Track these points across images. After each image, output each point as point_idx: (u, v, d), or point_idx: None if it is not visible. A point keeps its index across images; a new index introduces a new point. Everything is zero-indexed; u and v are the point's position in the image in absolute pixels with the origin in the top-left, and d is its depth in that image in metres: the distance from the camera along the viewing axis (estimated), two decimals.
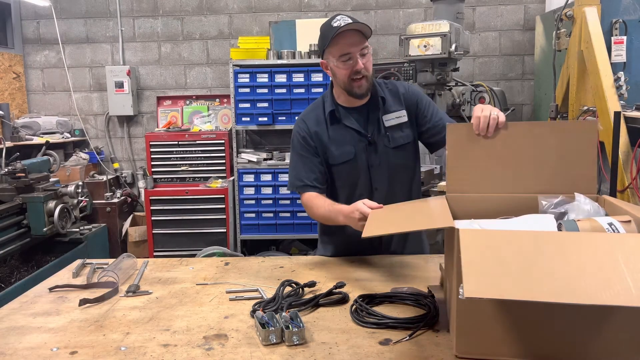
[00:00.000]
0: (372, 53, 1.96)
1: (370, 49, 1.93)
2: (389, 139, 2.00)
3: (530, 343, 1.21)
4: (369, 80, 1.93)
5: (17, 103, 5.18)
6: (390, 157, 2.02)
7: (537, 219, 1.45)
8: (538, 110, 4.77)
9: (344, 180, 2.05)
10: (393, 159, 2.02)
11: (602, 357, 1.19)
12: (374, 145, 2.00)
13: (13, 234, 3.29)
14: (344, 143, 2.00)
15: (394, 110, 2.01)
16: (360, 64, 1.87)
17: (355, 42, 1.87)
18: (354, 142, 2.00)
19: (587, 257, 1.10)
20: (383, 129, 2.00)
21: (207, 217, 4.75)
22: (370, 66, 1.92)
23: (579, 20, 3.53)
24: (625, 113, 3.10)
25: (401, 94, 2.04)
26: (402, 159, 2.04)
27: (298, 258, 2.12)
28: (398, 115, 2.01)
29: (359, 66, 1.87)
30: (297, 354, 1.29)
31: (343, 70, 1.90)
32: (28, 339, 1.42)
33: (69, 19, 5.25)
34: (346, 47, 1.87)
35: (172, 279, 1.86)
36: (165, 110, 5.25)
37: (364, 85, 1.91)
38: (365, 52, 1.89)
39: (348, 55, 1.88)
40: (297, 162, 2.06)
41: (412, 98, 2.04)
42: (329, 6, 5.09)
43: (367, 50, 1.90)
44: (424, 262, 1.98)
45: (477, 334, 1.23)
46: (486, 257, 1.11)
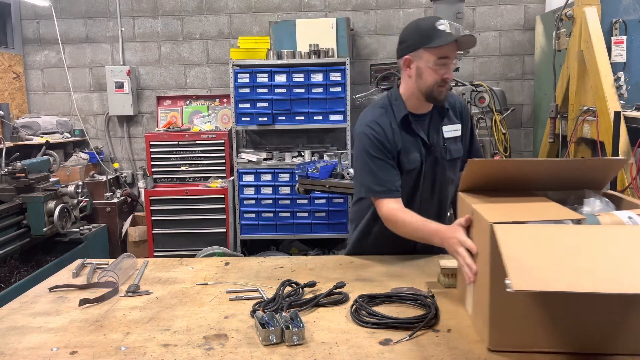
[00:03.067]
0: None
1: None
2: (446, 150, 1.98)
3: (564, 334, 1.24)
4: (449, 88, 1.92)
5: (17, 103, 5.18)
6: (444, 169, 2.00)
7: None
8: (538, 110, 4.77)
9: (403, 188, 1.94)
10: (446, 171, 2.01)
11: (638, 347, 1.22)
12: (434, 155, 1.98)
13: (13, 234, 3.29)
14: (413, 151, 1.95)
15: (451, 122, 2.01)
16: (451, 73, 1.87)
17: (455, 49, 1.85)
18: (419, 150, 1.96)
19: (624, 248, 1.14)
20: (442, 139, 1.98)
21: (207, 217, 4.75)
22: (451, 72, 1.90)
23: (579, 20, 3.53)
24: (625, 113, 3.10)
25: (457, 108, 2.05)
26: (452, 172, 2.03)
27: (298, 258, 2.12)
28: (455, 128, 2.01)
29: (450, 74, 1.86)
30: (297, 354, 1.29)
31: (435, 74, 1.84)
32: (28, 339, 1.42)
33: (68, 19, 5.25)
34: (448, 52, 1.83)
35: (172, 279, 1.86)
36: (165, 110, 5.25)
37: (444, 92, 1.88)
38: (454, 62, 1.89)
39: (445, 60, 1.84)
40: (374, 166, 1.90)
41: (465, 115, 2.07)
42: (329, 6, 5.09)
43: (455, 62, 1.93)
44: (424, 262, 1.98)
45: (512, 326, 1.26)
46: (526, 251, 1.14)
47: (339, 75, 4.53)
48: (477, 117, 4.03)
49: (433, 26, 1.83)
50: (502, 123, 4.08)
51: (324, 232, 4.68)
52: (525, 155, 5.12)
